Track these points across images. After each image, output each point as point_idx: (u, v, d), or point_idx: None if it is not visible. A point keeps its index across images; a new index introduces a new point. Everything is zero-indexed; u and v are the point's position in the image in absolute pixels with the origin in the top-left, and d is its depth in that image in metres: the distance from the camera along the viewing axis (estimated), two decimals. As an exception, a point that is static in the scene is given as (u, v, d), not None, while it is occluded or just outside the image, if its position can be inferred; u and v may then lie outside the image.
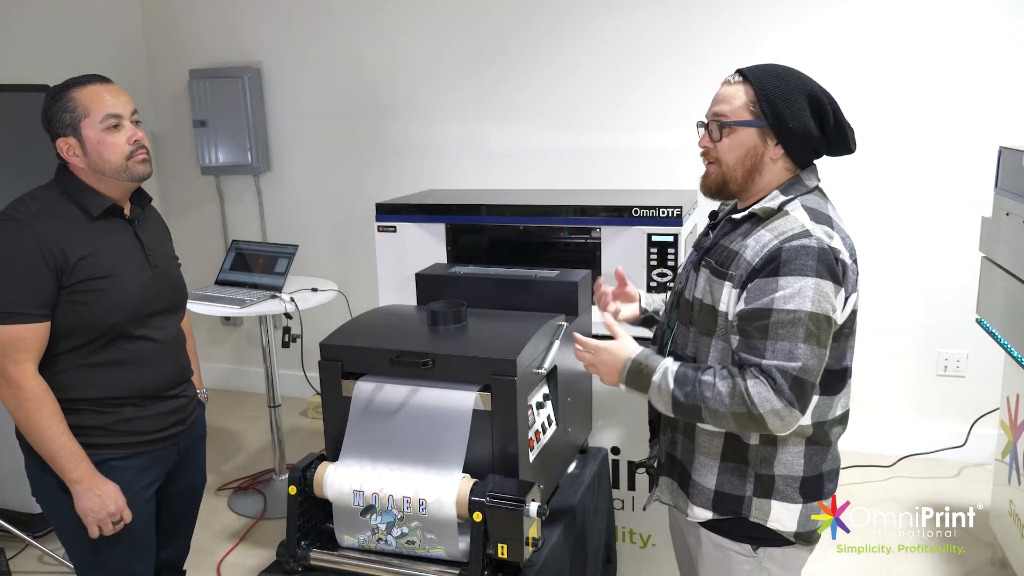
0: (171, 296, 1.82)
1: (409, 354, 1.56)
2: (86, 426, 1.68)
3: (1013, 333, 2.29)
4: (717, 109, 1.47)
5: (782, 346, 1.32)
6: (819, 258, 1.33)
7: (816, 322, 1.32)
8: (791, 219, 1.39)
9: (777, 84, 1.42)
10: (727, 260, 1.43)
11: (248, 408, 4.27)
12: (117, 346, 1.69)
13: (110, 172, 1.67)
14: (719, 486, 1.49)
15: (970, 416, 3.18)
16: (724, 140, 1.45)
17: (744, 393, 1.32)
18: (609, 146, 3.54)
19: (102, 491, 1.66)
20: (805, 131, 1.42)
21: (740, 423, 1.35)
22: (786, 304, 1.32)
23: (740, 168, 1.46)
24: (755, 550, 1.50)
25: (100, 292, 1.64)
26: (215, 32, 4.09)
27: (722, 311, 1.42)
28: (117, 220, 1.73)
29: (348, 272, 3.85)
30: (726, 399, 1.34)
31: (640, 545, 2.35)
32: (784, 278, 1.33)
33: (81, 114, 1.64)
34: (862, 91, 3.21)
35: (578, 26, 3.50)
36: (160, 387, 1.77)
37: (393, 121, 3.88)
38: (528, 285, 1.90)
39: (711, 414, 1.36)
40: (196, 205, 4.40)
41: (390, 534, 1.53)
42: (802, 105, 1.42)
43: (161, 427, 1.78)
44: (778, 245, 1.35)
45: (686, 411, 1.40)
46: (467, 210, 2.56)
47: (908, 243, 3.31)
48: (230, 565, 2.84)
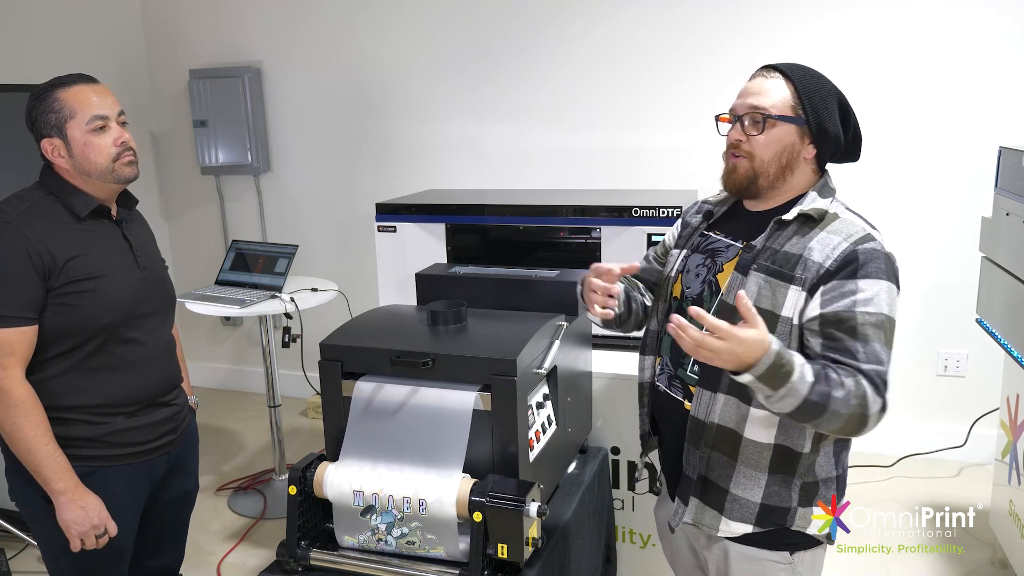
0: (161, 298, 1.79)
1: (409, 354, 1.56)
2: (75, 437, 1.64)
3: (1013, 333, 2.29)
4: (755, 102, 1.42)
5: (871, 348, 1.32)
6: (887, 262, 1.36)
7: (892, 325, 1.35)
8: (849, 222, 1.40)
9: (816, 84, 1.42)
10: (788, 262, 1.39)
11: (248, 408, 4.27)
12: (108, 351, 1.65)
13: (96, 174, 1.64)
14: (766, 499, 1.44)
15: (970, 416, 3.19)
16: (762, 135, 1.41)
17: (864, 394, 1.29)
18: (609, 146, 3.54)
19: (86, 503, 1.62)
20: (836, 135, 1.43)
21: (850, 425, 1.30)
22: (867, 307, 1.32)
23: (775, 164, 1.43)
24: (792, 555, 1.47)
25: (90, 293, 1.61)
26: (215, 32, 4.09)
27: (785, 316, 1.38)
28: (104, 221, 1.70)
29: (348, 272, 3.85)
30: (852, 400, 1.28)
31: (640, 545, 2.35)
32: (863, 280, 1.33)
33: (67, 115, 1.60)
34: (862, 91, 3.20)
35: (579, 26, 3.51)
36: (152, 394, 1.74)
37: (393, 121, 3.88)
38: (528, 285, 1.90)
39: (830, 415, 1.29)
40: (196, 205, 4.40)
41: (390, 534, 1.53)
42: (834, 107, 1.42)
43: (153, 437, 1.75)
44: (851, 248, 1.35)
45: (807, 411, 1.29)
46: (467, 210, 2.56)
47: (908, 243, 3.30)
48: (230, 565, 2.84)
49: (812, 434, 1.42)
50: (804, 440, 1.42)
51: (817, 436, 1.43)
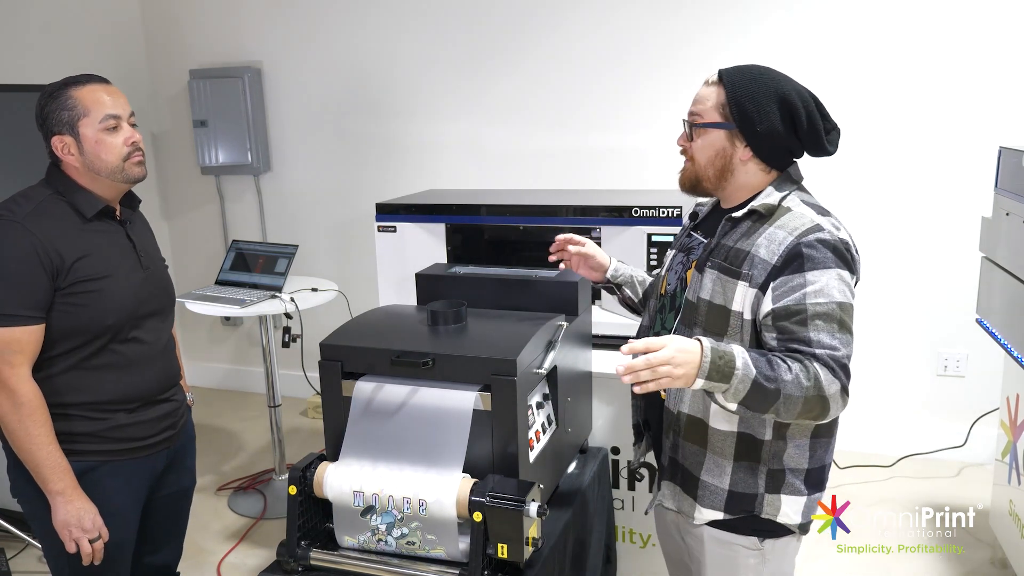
0: (162, 298, 1.81)
1: (409, 354, 1.56)
2: (76, 433, 1.65)
3: (1013, 333, 2.29)
4: (693, 109, 1.50)
5: (824, 337, 1.34)
6: (835, 250, 1.37)
7: (845, 311, 1.36)
8: (797, 215, 1.42)
9: (749, 87, 1.43)
10: (737, 259, 1.44)
11: (248, 408, 4.27)
12: (112, 349, 1.67)
13: (106, 173, 1.66)
14: (733, 486, 1.50)
15: (970, 416, 3.19)
16: (697, 140, 1.49)
17: (817, 376, 1.31)
18: (609, 146, 3.54)
19: (80, 506, 1.63)
20: (772, 134, 1.43)
21: (808, 407, 1.32)
22: (817, 298, 1.35)
23: (711, 168, 1.49)
24: (761, 542, 1.51)
25: (96, 293, 1.62)
26: (215, 32, 4.09)
27: (736, 311, 1.43)
28: (110, 221, 1.72)
29: (348, 272, 3.85)
30: (804, 382, 1.31)
31: (640, 545, 2.35)
32: (811, 272, 1.36)
33: (80, 113, 1.62)
34: (861, 91, 3.21)
35: (578, 26, 3.50)
36: (153, 391, 1.76)
37: (393, 121, 3.88)
38: (528, 285, 1.90)
39: (785, 400, 1.31)
40: (196, 205, 4.40)
41: (390, 535, 1.53)
42: (771, 108, 1.42)
43: (153, 433, 1.77)
44: (795, 241, 1.38)
45: (760, 397, 1.32)
46: (467, 210, 2.56)
47: (908, 243, 3.31)
48: (230, 565, 2.84)
49: (772, 422, 1.46)
50: (764, 428, 1.46)
51: (779, 425, 1.46)
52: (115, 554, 1.74)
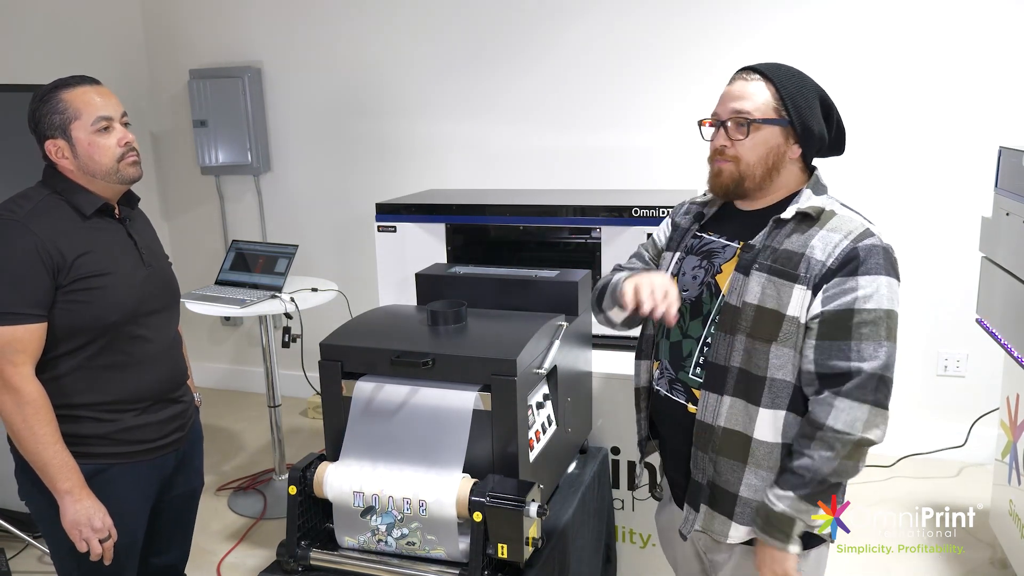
0: (166, 295, 1.81)
1: (409, 354, 1.56)
2: (85, 435, 1.65)
3: (1013, 333, 2.29)
4: (738, 106, 1.43)
5: (867, 346, 1.34)
6: (886, 256, 1.38)
7: (891, 319, 1.36)
8: (847, 218, 1.41)
9: (797, 84, 1.42)
10: (790, 261, 1.39)
11: (248, 408, 4.27)
12: (117, 348, 1.66)
13: (100, 174, 1.65)
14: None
15: (970, 416, 3.19)
16: (748, 138, 1.42)
17: (835, 435, 1.33)
18: (609, 146, 3.54)
19: (89, 505, 1.62)
20: (821, 132, 1.43)
21: (856, 455, 1.35)
22: (867, 303, 1.34)
23: (761, 167, 1.43)
24: (805, 550, 1.46)
25: (99, 290, 1.62)
26: (215, 32, 4.09)
27: (791, 315, 1.38)
28: (109, 219, 1.71)
29: (348, 272, 3.85)
30: (830, 457, 1.34)
31: (640, 545, 2.35)
32: (863, 277, 1.35)
33: (71, 116, 1.61)
34: (861, 91, 3.21)
35: (578, 25, 3.51)
36: (161, 390, 1.76)
37: (393, 121, 3.88)
38: (528, 285, 1.90)
39: (836, 474, 1.35)
40: (196, 205, 4.40)
41: (390, 535, 1.53)
42: (816, 105, 1.43)
43: (162, 434, 1.77)
44: (851, 245, 1.37)
45: (823, 493, 1.38)
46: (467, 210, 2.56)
47: (908, 243, 3.29)
48: (230, 565, 2.84)
49: None
50: None
51: None
52: (123, 556, 1.74)
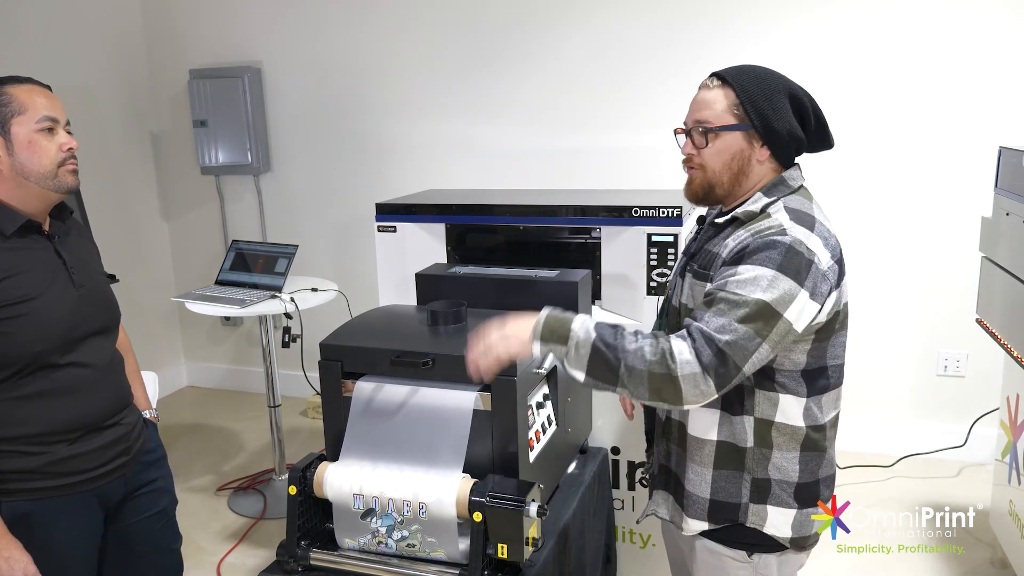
0: (102, 317, 1.64)
1: (409, 354, 1.56)
2: (10, 471, 1.49)
3: (1013, 333, 2.29)
4: (699, 115, 1.44)
5: (717, 320, 1.28)
6: (785, 254, 1.30)
7: (761, 311, 1.27)
8: (772, 220, 1.38)
9: (758, 85, 1.41)
10: (709, 263, 1.43)
11: (248, 408, 4.27)
12: (46, 376, 1.51)
13: (36, 178, 1.50)
14: (714, 494, 1.46)
15: (970, 416, 3.18)
16: (709, 146, 1.43)
17: (667, 352, 1.26)
18: (609, 146, 3.54)
19: (11, 554, 1.45)
20: (790, 131, 1.41)
21: (654, 386, 1.26)
22: (737, 288, 1.29)
23: (727, 172, 1.44)
24: (750, 556, 1.47)
25: (22, 318, 1.46)
26: (215, 32, 4.09)
27: None
28: (34, 237, 1.54)
29: (348, 272, 3.85)
30: (647, 355, 1.26)
31: (640, 545, 2.35)
32: (744, 265, 1.32)
33: (15, 110, 1.49)
34: (862, 91, 3.21)
35: (578, 25, 3.50)
36: (97, 418, 1.59)
37: (393, 121, 3.88)
38: (528, 285, 1.90)
39: (628, 372, 1.27)
40: (196, 205, 4.40)
41: (390, 537, 1.53)
42: (784, 105, 1.41)
43: (101, 463, 1.60)
44: (749, 238, 1.35)
45: (603, 365, 1.29)
46: (467, 210, 2.55)
47: (908, 243, 3.31)
48: (230, 565, 2.84)
49: (754, 428, 1.42)
50: (745, 435, 1.42)
51: (762, 432, 1.42)
52: None
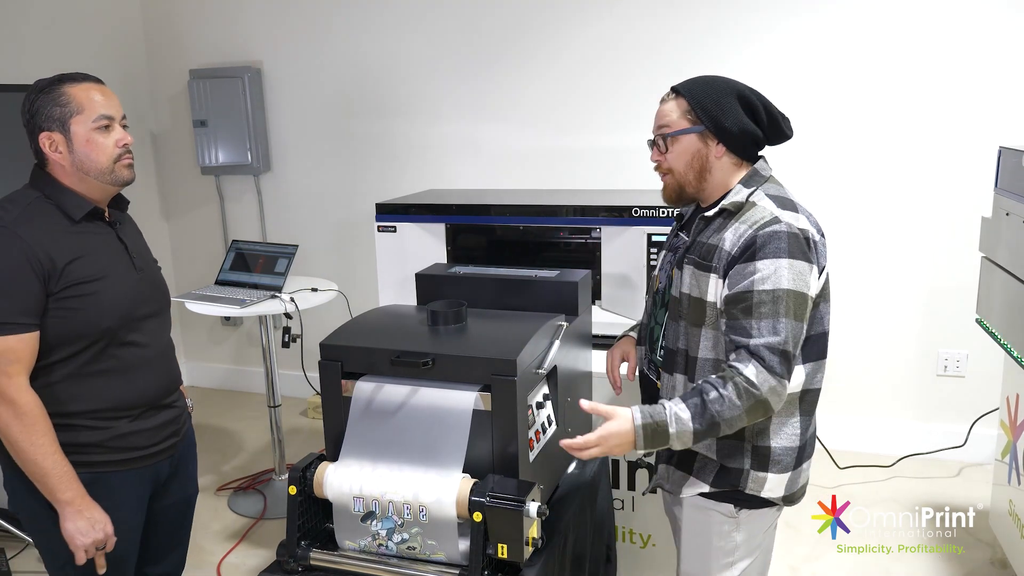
0: (158, 299, 1.78)
1: (409, 354, 1.56)
2: (81, 443, 1.61)
3: (1013, 333, 2.29)
4: (659, 124, 1.62)
5: (766, 324, 1.43)
6: (789, 241, 1.46)
7: (792, 298, 1.44)
8: (760, 209, 1.52)
9: (706, 91, 1.57)
10: (708, 254, 1.55)
11: (248, 408, 4.27)
12: (110, 354, 1.63)
13: (95, 173, 1.62)
14: (720, 460, 1.58)
15: (970, 416, 3.19)
16: (670, 151, 1.60)
17: (746, 385, 1.41)
18: (609, 146, 3.54)
19: (92, 515, 1.59)
20: (741, 127, 1.55)
21: (753, 415, 1.44)
22: (764, 285, 1.44)
23: (691, 172, 1.59)
24: (737, 511, 1.60)
25: (91, 296, 1.58)
26: (215, 32, 4.09)
27: (710, 301, 1.54)
28: (99, 223, 1.67)
29: (348, 272, 3.85)
30: (736, 402, 1.41)
31: (640, 545, 2.35)
32: (761, 261, 1.45)
33: (73, 110, 1.58)
34: (862, 92, 3.22)
35: (579, 25, 3.50)
36: (154, 396, 1.72)
37: (393, 121, 3.88)
38: (528, 285, 1.90)
39: (728, 424, 1.44)
40: (196, 205, 4.40)
41: (390, 540, 1.53)
42: (732, 105, 1.55)
43: (156, 440, 1.74)
44: (753, 233, 1.48)
45: (707, 435, 1.46)
46: (467, 210, 2.56)
47: (908, 243, 3.31)
48: (230, 565, 2.84)
49: None
50: None
51: None
52: (118, 566, 1.71)
